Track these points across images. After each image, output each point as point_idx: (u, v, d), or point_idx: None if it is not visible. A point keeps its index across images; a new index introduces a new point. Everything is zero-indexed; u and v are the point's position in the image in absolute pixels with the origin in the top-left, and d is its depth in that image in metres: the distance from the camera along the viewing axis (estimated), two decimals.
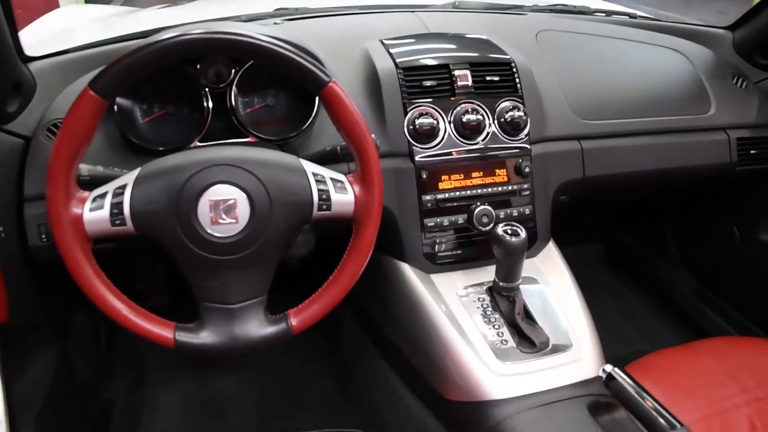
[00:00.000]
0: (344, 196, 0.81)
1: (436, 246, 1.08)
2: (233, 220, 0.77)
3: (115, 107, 0.99)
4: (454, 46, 1.17)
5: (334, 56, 1.14)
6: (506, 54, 1.15)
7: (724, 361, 1.08)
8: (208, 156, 0.78)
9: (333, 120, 0.81)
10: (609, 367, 0.86)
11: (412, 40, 1.19)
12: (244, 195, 0.77)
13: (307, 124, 1.03)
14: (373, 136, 0.89)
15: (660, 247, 1.78)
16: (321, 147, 1.00)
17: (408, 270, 1.07)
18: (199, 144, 1.01)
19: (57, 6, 4.66)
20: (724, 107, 1.32)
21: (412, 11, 1.36)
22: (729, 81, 1.37)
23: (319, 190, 0.80)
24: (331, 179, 0.81)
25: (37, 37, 1.62)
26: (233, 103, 1.03)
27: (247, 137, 1.04)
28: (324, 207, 0.80)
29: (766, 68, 1.39)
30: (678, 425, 0.75)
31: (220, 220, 0.77)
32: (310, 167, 0.81)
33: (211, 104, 1.02)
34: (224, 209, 0.77)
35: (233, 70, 1.03)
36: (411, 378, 1.10)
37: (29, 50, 1.06)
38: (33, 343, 1.11)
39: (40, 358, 1.12)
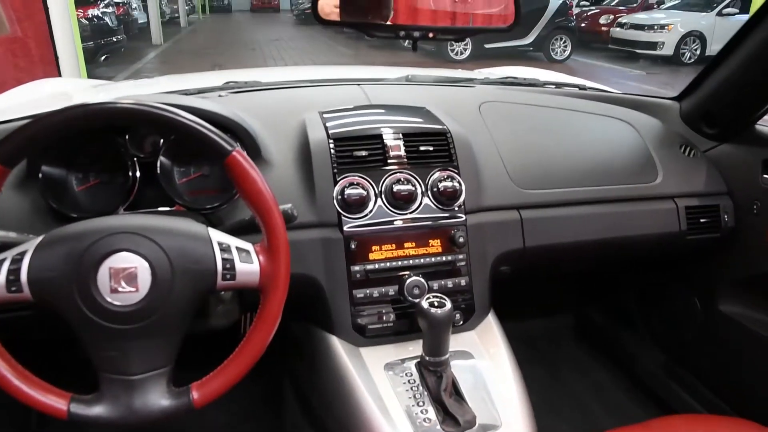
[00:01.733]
0: (249, 266, 0.79)
1: (366, 318, 1.04)
2: (133, 289, 0.74)
3: (40, 175, 0.99)
4: (389, 117, 1.18)
5: (271, 128, 1.14)
6: (442, 124, 1.16)
7: None
8: (112, 223, 0.77)
9: (238, 189, 0.80)
10: None
11: (350, 112, 1.19)
12: (145, 263, 0.75)
13: (232, 194, 1.02)
14: (289, 205, 0.87)
15: (625, 320, 1.73)
16: (248, 216, 0.98)
17: (336, 343, 1.03)
18: (123, 213, 1.00)
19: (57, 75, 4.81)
20: (671, 176, 1.31)
21: (359, 84, 1.38)
22: (676, 150, 1.37)
23: (223, 259, 0.78)
24: (237, 248, 0.79)
25: (7, 105, 1.64)
26: (160, 172, 1.02)
27: (174, 206, 1.03)
28: (228, 276, 0.78)
29: (713, 137, 1.39)
30: None
31: (120, 289, 0.74)
32: (217, 236, 0.79)
33: (138, 173, 1.01)
34: (124, 277, 0.74)
35: (162, 141, 1.04)
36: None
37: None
38: None
39: None
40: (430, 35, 0.96)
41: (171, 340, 0.79)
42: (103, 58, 8.81)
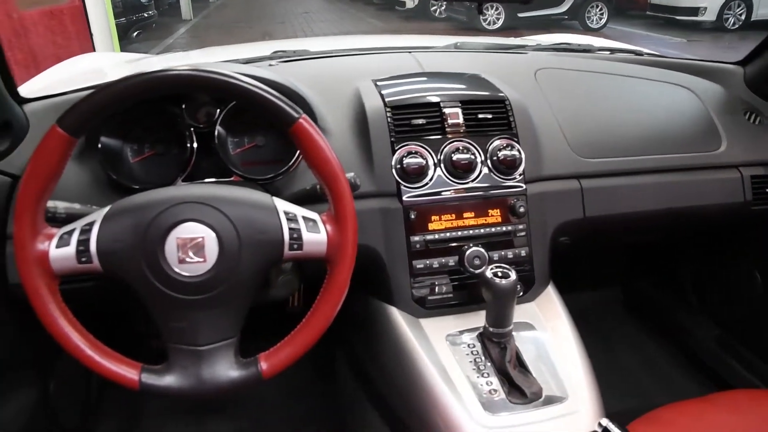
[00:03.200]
0: (316, 236, 0.78)
1: (426, 289, 1.03)
2: (201, 259, 0.74)
3: (99, 146, 0.99)
4: (445, 84, 1.15)
5: (325, 96, 1.13)
6: (500, 91, 1.13)
7: (744, 417, 0.99)
8: (177, 193, 0.77)
9: (304, 157, 0.79)
10: (605, 422, 0.80)
11: (404, 80, 1.17)
12: (212, 233, 0.75)
13: (290, 164, 1.01)
14: (352, 174, 0.86)
15: (678, 293, 1.69)
16: (305, 186, 0.98)
17: (396, 314, 1.02)
18: (182, 183, 1.00)
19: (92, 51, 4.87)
20: (735, 144, 1.26)
21: (410, 52, 1.35)
22: (741, 116, 1.31)
23: (290, 228, 0.77)
24: (304, 218, 0.79)
25: (50, 81, 1.66)
26: (218, 142, 1.02)
27: (232, 176, 1.02)
28: (295, 246, 0.77)
29: None
30: None
31: (188, 259, 0.74)
32: (282, 205, 0.79)
33: (195, 144, 1.01)
34: (192, 248, 0.74)
35: (218, 110, 1.03)
36: (395, 425, 1.04)
37: (44, 92, 1.08)
38: (14, 381, 1.09)
39: (17, 398, 1.10)
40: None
41: (238, 310, 0.79)
42: (135, 34, 8.85)
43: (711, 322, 1.58)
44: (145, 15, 9.50)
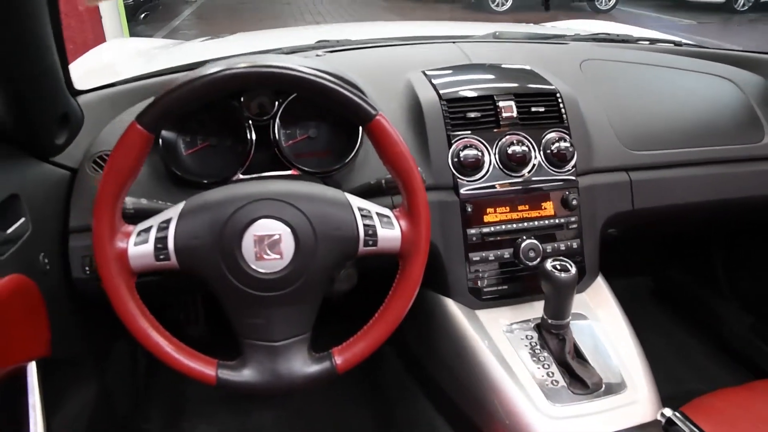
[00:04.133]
0: (391, 232, 0.80)
1: (481, 281, 1.05)
2: (278, 256, 0.76)
3: (160, 140, 1.00)
4: (497, 77, 1.16)
5: (376, 87, 1.13)
6: (551, 84, 1.13)
7: None
8: (253, 190, 0.77)
9: (379, 153, 0.80)
10: (669, 411, 0.82)
11: (455, 71, 1.18)
12: (288, 230, 0.76)
13: (350, 157, 1.02)
14: (419, 169, 0.87)
15: (711, 282, 1.71)
16: (364, 180, 0.99)
17: (452, 306, 1.04)
18: (242, 176, 1.01)
19: (104, 40, 4.85)
20: None
21: (454, 42, 1.36)
22: None
23: (365, 225, 0.78)
24: (377, 214, 0.80)
25: (84, 70, 1.66)
26: (276, 135, 1.03)
27: (289, 169, 1.03)
28: (370, 243, 0.79)
29: None
30: None
31: (265, 256, 0.75)
32: (356, 201, 0.80)
33: (254, 137, 1.02)
34: (269, 244, 0.75)
35: (276, 103, 1.03)
36: (455, 419, 1.06)
37: (76, 83, 1.09)
38: (74, 377, 1.11)
39: (79, 392, 1.12)
40: None
41: (312, 306, 0.80)
42: (142, 15, 8.80)
43: (744, 311, 1.60)
44: None
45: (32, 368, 0.82)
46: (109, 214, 0.74)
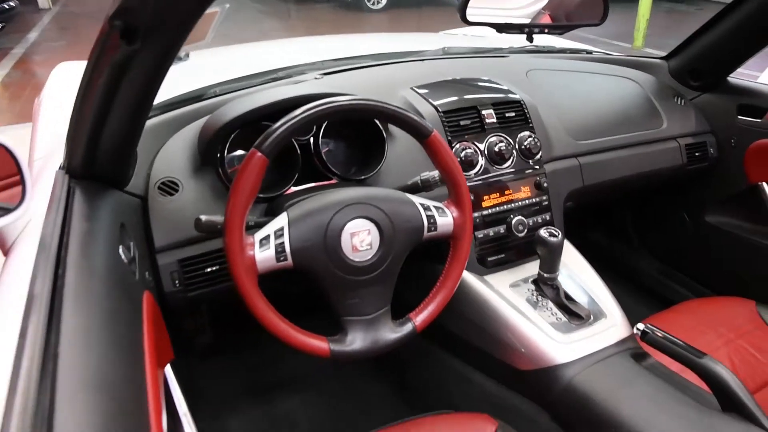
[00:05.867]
0: (446, 219, 1.05)
1: (485, 252, 1.34)
2: (368, 247, 0.97)
3: (223, 160, 1.14)
4: (474, 90, 1.45)
5: None
6: (515, 94, 1.44)
7: (702, 316, 1.41)
8: (344, 196, 0.98)
9: (435, 160, 1.04)
10: (641, 326, 1.15)
11: (438, 87, 1.44)
12: (374, 226, 0.98)
13: (380, 165, 1.26)
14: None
15: (624, 239, 2.13)
16: (390, 182, 1.23)
17: (466, 274, 1.32)
18: (293, 188, 1.19)
19: None
20: (672, 121, 1.68)
21: (422, 60, 1.63)
22: (672, 100, 1.74)
23: (427, 215, 1.02)
24: (434, 207, 1.05)
25: (59, 101, 1.72)
26: (318, 150, 1.22)
27: (329, 179, 1.24)
28: (432, 229, 1.03)
29: (697, 88, 1.77)
30: (704, 354, 1.04)
31: (359, 248, 0.97)
32: (416, 199, 1.04)
33: (299, 153, 1.20)
34: (361, 239, 0.97)
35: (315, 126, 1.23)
36: (480, 360, 1.33)
37: (60, 104, 1.14)
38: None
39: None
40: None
41: (391, 283, 1.01)
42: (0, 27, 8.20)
43: (652, 258, 2.04)
44: (6, 6, 8.82)
45: (169, 370, 0.97)
46: (239, 231, 0.91)
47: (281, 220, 0.96)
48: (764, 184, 1.65)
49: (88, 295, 0.69)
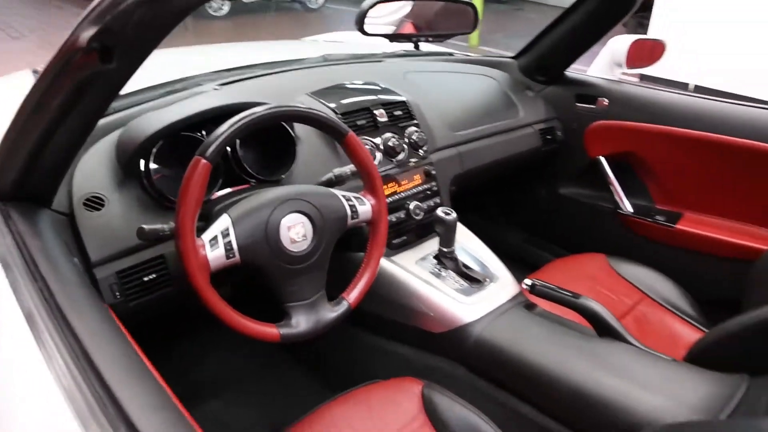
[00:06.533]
0: (365, 207, 1.20)
1: (390, 236, 1.50)
2: (303, 238, 1.10)
3: (147, 172, 1.17)
4: (365, 92, 1.61)
5: None
6: (400, 95, 1.63)
7: (567, 272, 1.70)
8: (277, 194, 1.10)
9: (351, 157, 1.19)
10: (529, 281, 1.39)
11: (332, 91, 1.58)
12: (307, 219, 1.11)
13: (293, 166, 1.37)
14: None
15: (494, 218, 2.42)
16: (302, 181, 1.34)
17: None
18: (217, 193, 1.26)
19: None
20: (527, 111, 1.97)
21: (310, 67, 1.75)
22: (524, 93, 2.03)
23: (349, 205, 1.18)
24: (354, 197, 1.20)
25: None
26: (237, 156, 1.29)
27: (247, 183, 1.32)
28: (354, 216, 1.18)
29: (542, 82, 2.08)
30: (579, 296, 1.30)
31: (296, 239, 1.09)
32: (338, 192, 1.19)
33: (219, 163, 1.25)
34: (296, 231, 1.09)
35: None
36: (395, 331, 1.48)
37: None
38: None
39: None
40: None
41: (325, 269, 1.15)
42: None
43: (519, 230, 2.34)
44: None
45: None
46: (191, 234, 0.98)
47: (224, 221, 1.05)
48: (601, 158, 1.99)
49: (82, 303, 0.74)
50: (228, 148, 1.29)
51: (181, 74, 1.61)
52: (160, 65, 1.71)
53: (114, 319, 0.79)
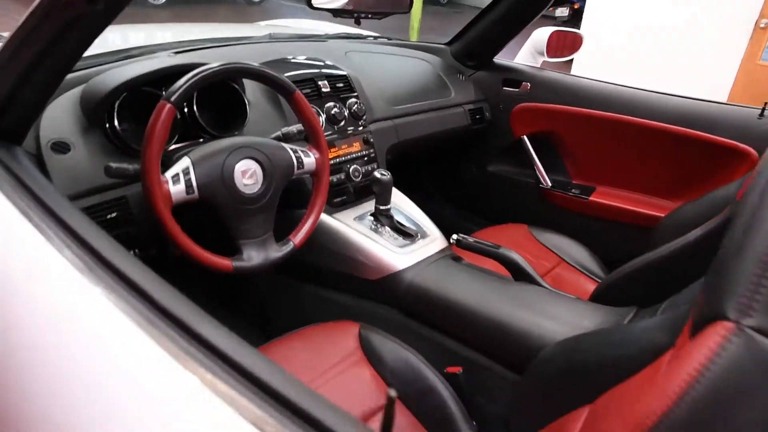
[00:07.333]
0: (310, 159, 1.34)
1: (331, 195, 1.63)
2: (255, 181, 1.24)
3: (107, 125, 1.26)
4: (310, 66, 1.74)
5: None
6: (342, 69, 1.77)
7: (495, 239, 1.88)
8: (232, 142, 1.23)
9: (298, 113, 1.32)
10: (456, 236, 1.55)
11: (280, 64, 1.70)
12: (258, 165, 1.24)
13: (245, 125, 1.48)
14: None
15: (426, 192, 2.59)
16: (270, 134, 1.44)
17: None
18: (174, 146, 1.35)
19: None
20: (458, 92, 2.14)
21: (258, 42, 1.87)
22: (456, 76, 2.21)
23: (296, 157, 1.31)
24: (300, 150, 1.34)
25: None
26: (193, 113, 1.39)
27: (202, 137, 1.41)
28: (300, 167, 1.32)
29: (472, 67, 2.26)
30: (500, 246, 1.47)
31: (247, 183, 1.22)
32: (286, 145, 1.32)
33: (178, 115, 1.35)
34: (249, 175, 1.23)
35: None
36: (334, 280, 1.61)
37: None
38: None
39: None
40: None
41: (273, 211, 1.29)
42: None
43: (451, 206, 2.52)
44: None
45: None
46: (157, 170, 1.10)
47: (185, 162, 1.17)
48: (524, 137, 2.19)
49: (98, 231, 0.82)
50: (185, 108, 1.39)
51: (138, 44, 1.70)
52: (120, 38, 1.78)
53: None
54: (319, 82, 1.67)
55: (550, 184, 2.16)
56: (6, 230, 0.83)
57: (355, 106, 1.72)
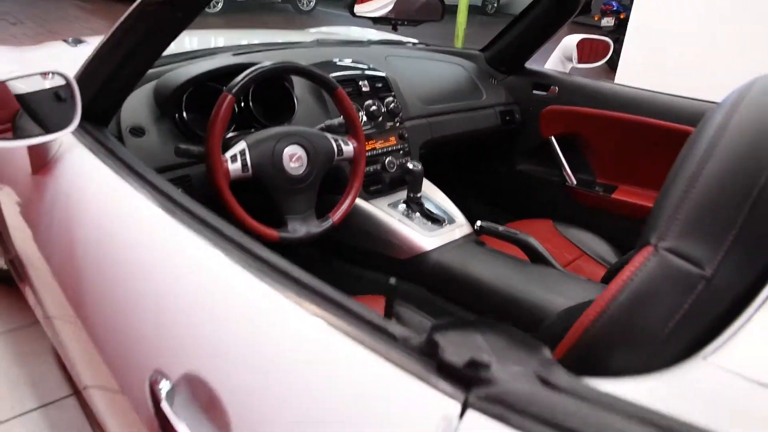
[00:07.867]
0: (348, 147, 1.53)
1: (367, 183, 1.82)
2: (300, 164, 1.44)
3: (176, 115, 1.49)
4: (352, 68, 1.93)
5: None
6: (381, 71, 1.95)
7: (519, 230, 2.03)
8: (281, 131, 1.43)
9: (339, 107, 1.52)
10: (479, 223, 1.71)
11: (327, 66, 1.90)
12: (303, 150, 1.44)
13: (293, 118, 1.68)
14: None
15: (457, 191, 2.74)
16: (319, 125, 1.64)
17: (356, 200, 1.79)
18: (231, 134, 1.57)
19: None
20: (489, 95, 2.30)
21: (306, 47, 2.07)
22: (488, 80, 2.37)
23: (337, 145, 1.51)
24: (341, 140, 1.53)
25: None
26: (248, 107, 1.61)
27: (254, 127, 1.63)
28: (340, 154, 1.51)
29: (504, 72, 2.41)
30: (519, 232, 1.62)
31: (294, 165, 1.42)
32: (328, 135, 1.51)
33: (235, 108, 1.58)
34: (295, 159, 1.43)
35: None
36: (367, 258, 1.79)
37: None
38: None
39: None
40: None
41: (315, 191, 1.49)
42: None
43: (480, 203, 2.67)
44: None
45: None
46: (218, 149, 1.32)
47: (242, 144, 1.38)
48: (552, 138, 2.33)
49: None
50: (242, 102, 1.60)
51: (201, 47, 1.94)
52: (187, 41, 2.03)
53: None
54: (360, 82, 1.86)
55: (575, 183, 2.29)
56: (108, 187, 1.05)
57: (392, 104, 1.90)
